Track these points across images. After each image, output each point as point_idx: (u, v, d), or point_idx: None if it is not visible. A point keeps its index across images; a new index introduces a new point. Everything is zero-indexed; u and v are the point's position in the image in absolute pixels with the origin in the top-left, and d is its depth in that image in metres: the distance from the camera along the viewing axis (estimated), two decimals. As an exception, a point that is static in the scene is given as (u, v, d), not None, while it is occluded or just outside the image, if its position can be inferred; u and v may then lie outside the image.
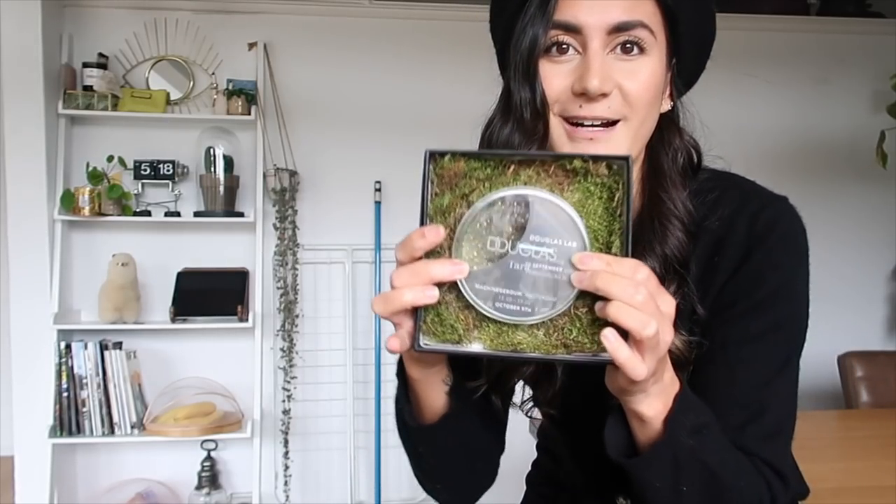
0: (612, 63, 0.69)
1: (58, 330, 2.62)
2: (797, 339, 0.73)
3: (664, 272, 0.73)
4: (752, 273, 0.71)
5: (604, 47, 0.69)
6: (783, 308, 0.72)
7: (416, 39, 2.95)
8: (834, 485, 1.36)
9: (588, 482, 0.93)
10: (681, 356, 0.73)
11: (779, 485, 0.70)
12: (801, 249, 0.73)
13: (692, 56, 0.76)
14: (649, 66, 0.70)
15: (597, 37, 0.69)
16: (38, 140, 2.61)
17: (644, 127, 0.72)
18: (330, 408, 2.92)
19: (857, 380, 2.29)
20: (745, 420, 0.70)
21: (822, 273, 0.93)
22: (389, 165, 2.92)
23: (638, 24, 0.69)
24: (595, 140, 0.70)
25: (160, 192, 2.81)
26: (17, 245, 2.64)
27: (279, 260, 2.82)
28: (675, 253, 0.73)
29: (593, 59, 0.68)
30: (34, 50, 2.58)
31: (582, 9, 0.69)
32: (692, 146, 0.78)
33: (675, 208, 0.73)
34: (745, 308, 0.71)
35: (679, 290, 0.73)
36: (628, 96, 0.70)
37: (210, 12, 2.89)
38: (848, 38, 3.18)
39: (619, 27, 0.68)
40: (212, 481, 2.75)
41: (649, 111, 0.72)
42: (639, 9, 0.69)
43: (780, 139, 3.13)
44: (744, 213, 0.73)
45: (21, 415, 2.62)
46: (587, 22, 0.69)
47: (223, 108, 2.78)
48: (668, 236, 0.73)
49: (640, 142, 0.74)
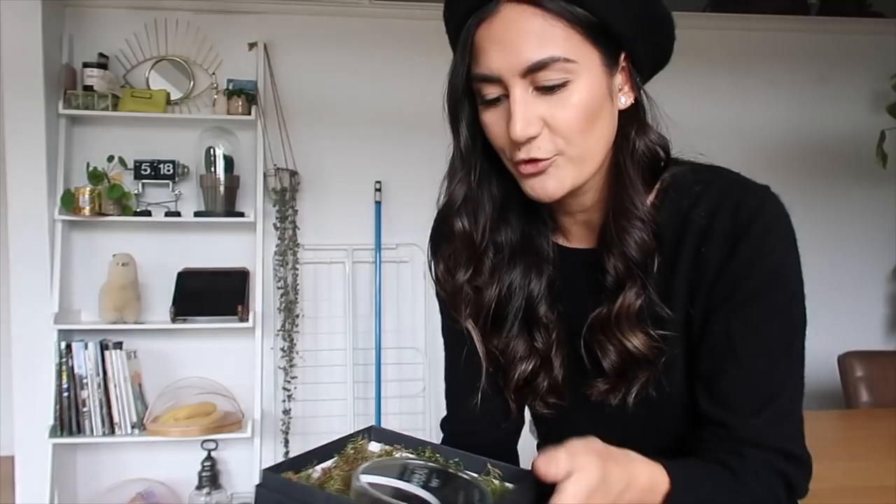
0: (537, 101, 0.69)
1: (58, 330, 2.62)
2: (798, 320, 0.73)
3: (626, 271, 0.75)
4: (744, 262, 0.72)
5: (525, 88, 0.69)
6: (780, 293, 0.72)
7: (416, 39, 2.95)
8: (834, 485, 1.36)
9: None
10: (644, 355, 0.74)
11: (794, 469, 0.71)
12: (787, 234, 0.73)
13: (644, 43, 0.74)
14: (577, 92, 0.69)
15: (515, 83, 0.69)
16: (39, 140, 2.61)
17: (588, 148, 0.72)
18: (330, 408, 2.92)
19: (857, 380, 2.29)
20: (757, 407, 0.71)
21: (822, 273, 0.94)
22: (390, 165, 2.92)
23: (551, 61, 0.67)
24: (539, 173, 0.72)
25: (160, 192, 2.81)
26: (18, 245, 2.64)
27: (279, 260, 2.82)
28: (634, 253, 0.74)
29: (515, 106, 0.69)
30: (34, 50, 2.58)
31: (493, 58, 0.69)
32: (656, 142, 0.77)
33: (635, 208, 0.74)
34: (742, 298, 0.72)
35: (641, 291, 0.74)
36: (558, 131, 0.70)
37: (210, 12, 2.89)
38: (848, 38, 3.18)
39: (532, 69, 0.68)
40: (212, 481, 2.75)
41: (588, 134, 0.71)
42: (549, 42, 0.67)
43: (780, 139, 3.13)
44: (727, 203, 0.73)
45: (21, 415, 2.62)
46: (500, 70, 0.69)
47: (223, 108, 2.78)
48: (628, 237, 0.74)
49: (591, 160, 0.73)
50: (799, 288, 0.74)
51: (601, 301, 0.77)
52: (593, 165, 0.74)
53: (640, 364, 0.75)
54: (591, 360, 0.79)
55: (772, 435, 0.70)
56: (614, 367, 0.76)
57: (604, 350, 0.77)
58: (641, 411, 0.78)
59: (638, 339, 0.74)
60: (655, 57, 0.77)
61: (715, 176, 0.77)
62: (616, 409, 0.79)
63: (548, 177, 0.72)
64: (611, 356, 0.76)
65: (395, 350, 2.96)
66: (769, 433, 0.70)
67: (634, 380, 0.76)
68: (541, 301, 0.82)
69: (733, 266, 0.72)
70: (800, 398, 0.74)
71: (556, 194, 0.73)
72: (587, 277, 0.80)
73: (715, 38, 3.09)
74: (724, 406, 0.72)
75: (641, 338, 0.74)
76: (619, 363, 0.76)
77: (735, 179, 0.76)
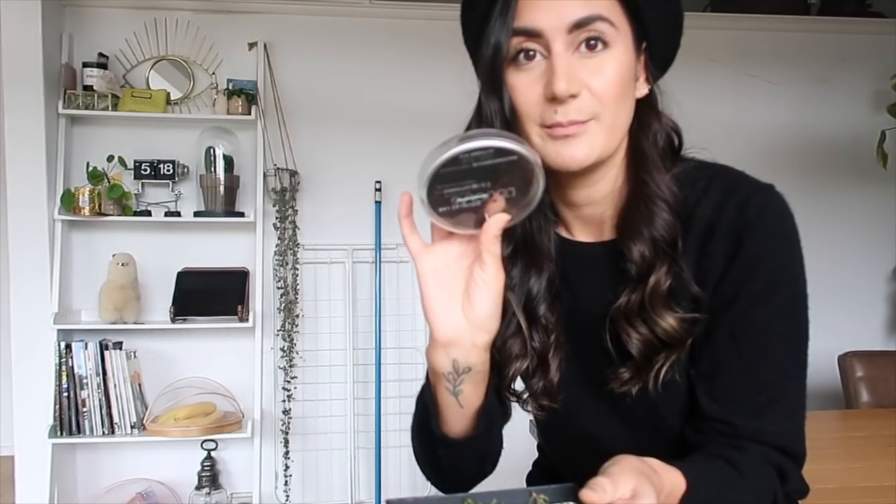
0: (578, 63, 0.70)
1: (58, 330, 2.62)
2: (803, 320, 0.74)
3: (654, 254, 0.74)
4: (750, 262, 0.72)
5: (567, 48, 0.70)
6: (785, 293, 0.73)
7: (416, 39, 2.95)
8: (834, 485, 1.36)
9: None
10: (676, 335, 0.74)
11: (790, 465, 0.73)
12: (792, 233, 0.74)
13: (662, 37, 0.77)
14: (615, 59, 0.71)
15: (558, 38, 0.69)
16: (39, 140, 2.61)
17: (619, 119, 0.73)
18: (330, 408, 2.92)
19: (857, 380, 2.29)
20: (760, 407, 0.72)
21: (822, 273, 0.94)
22: (390, 165, 2.92)
23: (597, 18, 0.69)
24: (571, 137, 0.71)
25: (160, 191, 2.81)
26: (18, 245, 2.65)
27: (279, 260, 2.82)
28: (662, 234, 0.74)
29: (558, 62, 0.69)
30: (34, 50, 2.58)
31: (540, 12, 0.69)
32: (671, 128, 0.79)
33: (660, 190, 0.75)
34: (748, 299, 0.72)
35: (670, 270, 0.74)
36: (597, 94, 0.70)
37: (210, 12, 2.89)
38: (848, 38, 3.18)
39: (578, 24, 0.69)
40: (212, 481, 2.75)
41: (621, 104, 0.72)
42: (595, 2, 0.69)
43: (780, 139, 3.13)
44: (732, 200, 0.73)
45: (21, 415, 2.62)
46: (546, 24, 0.69)
47: (223, 108, 2.78)
48: (655, 218, 0.74)
49: (618, 133, 0.74)
50: (803, 288, 0.74)
51: (620, 292, 0.76)
52: (617, 140, 0.75)
53: (666, 347, 0.75)
54: (617, 349, 0.78)
55: (772, 432, 0.72)
56: (642, 353, 0.76)
57: (630, 337, 0.76)
58: (643, 405, 0.78)
59: (672, 319, 0.73)
60: (666, 55, 0.79)
61: (719, 172, 0.77)
62: (618, 403, 0.79)
63: (579, 141, 0.71)
64: (637, 342, 0.75)
65: (395, 350, 2.95)
66: (770, 431, 0.72)
67: (658, 364, 0.75)
68: (540, 300, 0.81)
69: (738, 265, 0.72)
70: (803, 397, 0.74)
71: (586, 161, 0.72)
72: (600, 271, 0.80)
73: (715, 38, 3.09)
74: (726, 404, 0.73)
75: (674, 318, 0.73)
76: (646, 348, 0.75)
77: (740, 176, 0.76)
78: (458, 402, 0.74)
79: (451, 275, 0.70)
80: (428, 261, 0.70)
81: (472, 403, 0.75)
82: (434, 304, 0.70)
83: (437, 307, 0.70)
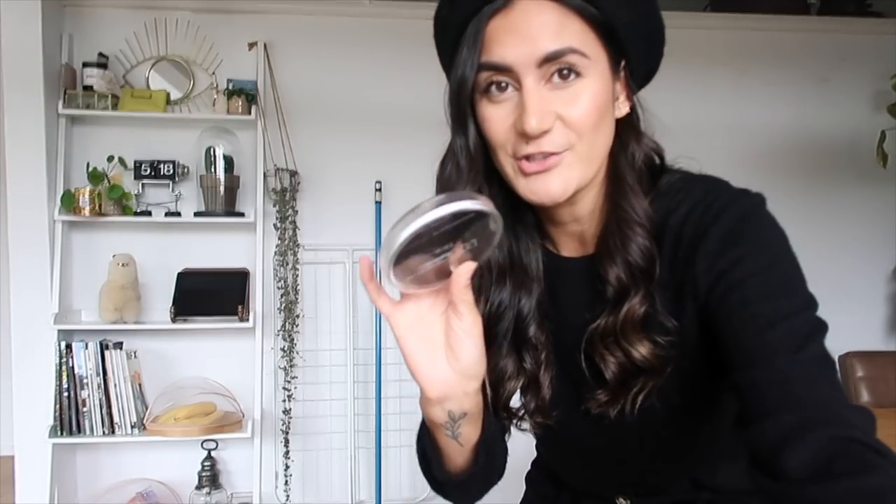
0: (550, 95, 0.68)
1: (58, 330, 2.62)
2: (795, 266, 0.67)
3: (630, 278, 0.73)
4: (721, 242, 0.67)
5: (538, 80, 0.68)
6: (764, 254, 0.66)
7: (416, 39, 2.92)
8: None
9: (588, 482, 0.94)
10: (649, 363, 0.73)
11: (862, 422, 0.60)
12: (763, 214, 0.68)
13: (642, 54, 0.75)
14: (589, 87, 0.69)
15: (529, 73, 0.67)
16: (39, 140, 2.61)
17: (596, 146, 0.72)
18: (330, 408, 2.92)
19: (857, 380, 2.30)
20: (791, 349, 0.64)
21: (822, 273, 0.94)
22: (390, 165, 2.92)
23: (567, 52, 0.67)
24: (544, 172, 0.69)
25: (160, 192, 2.81)
26: (18, 245, 2.64)
27: (279, 260, 2.82)
28: (637, 260, 0.72)
29: (528, 98, 0.67)
30: (34, 50, 2.58)
31: (509, 47, 0.67)
32: (652, 149, 0.77)
33: (636, 215, 0.73)
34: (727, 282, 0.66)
35: (645, 297, 0.72)
36: (572, 125, 0.68)
37: (210, 12, 2.89)
38: (848, 38, 3.18)
39: (548, 58, 0.67)
40: (212, 481, 2.75)
41: (598, 131, 0.71)
42: (565, 34, 0.67)
43: (780, 139, 3.13)
44: (700, 205, 0.70)
45: (21, 415, 2.62)
46: (515, 59, 0.67)
47: (223, 108, 2.78)
48: (630, 244, 0.72)
49: (596, 160, 0.73)
50: (785, 245, 0.68)
51: (599, 312, 0.76)
52: (596, 167, 0.73)
53: (642, 373, 0.74)
54: (591, 371, 0.78)
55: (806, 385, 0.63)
56: (616, 378, 0.75)
57: (605, 360, 0.75)
58: (638, 423, 0.77)
59: (644, 348, 0.72)
60: (647, 69, 0.77)
61: (699, 181, 0.75)
62: (614, 421, 0.78)
63: (553, 176, 0.70)
64: (612, 366, 0.74)
65: (395, 350, 2.94)
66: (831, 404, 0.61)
67: (635, 390, 0.74)
68: (530, 321, 0.80)
69: (708, 251, 0.67)
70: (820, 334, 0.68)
71: (560, 196, 0.71)
72: (582, 288, 0.79)
73: (715, 38, 3.09)
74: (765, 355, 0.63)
75: (647, 346, 0.72)
76: (622, 373, 0.74)
77: (715, 184, 0.73)
78: (459, 443, 0.75)
79: (428, 327, 0.69)
80: (402, 318, 0.69)
81: (471, 440, 0.76)
82: (419, 363, 0.68)
83: (422, 366, 0.68)
